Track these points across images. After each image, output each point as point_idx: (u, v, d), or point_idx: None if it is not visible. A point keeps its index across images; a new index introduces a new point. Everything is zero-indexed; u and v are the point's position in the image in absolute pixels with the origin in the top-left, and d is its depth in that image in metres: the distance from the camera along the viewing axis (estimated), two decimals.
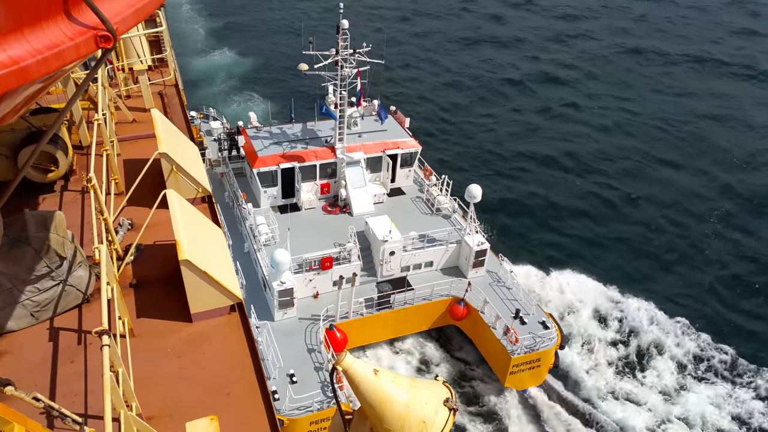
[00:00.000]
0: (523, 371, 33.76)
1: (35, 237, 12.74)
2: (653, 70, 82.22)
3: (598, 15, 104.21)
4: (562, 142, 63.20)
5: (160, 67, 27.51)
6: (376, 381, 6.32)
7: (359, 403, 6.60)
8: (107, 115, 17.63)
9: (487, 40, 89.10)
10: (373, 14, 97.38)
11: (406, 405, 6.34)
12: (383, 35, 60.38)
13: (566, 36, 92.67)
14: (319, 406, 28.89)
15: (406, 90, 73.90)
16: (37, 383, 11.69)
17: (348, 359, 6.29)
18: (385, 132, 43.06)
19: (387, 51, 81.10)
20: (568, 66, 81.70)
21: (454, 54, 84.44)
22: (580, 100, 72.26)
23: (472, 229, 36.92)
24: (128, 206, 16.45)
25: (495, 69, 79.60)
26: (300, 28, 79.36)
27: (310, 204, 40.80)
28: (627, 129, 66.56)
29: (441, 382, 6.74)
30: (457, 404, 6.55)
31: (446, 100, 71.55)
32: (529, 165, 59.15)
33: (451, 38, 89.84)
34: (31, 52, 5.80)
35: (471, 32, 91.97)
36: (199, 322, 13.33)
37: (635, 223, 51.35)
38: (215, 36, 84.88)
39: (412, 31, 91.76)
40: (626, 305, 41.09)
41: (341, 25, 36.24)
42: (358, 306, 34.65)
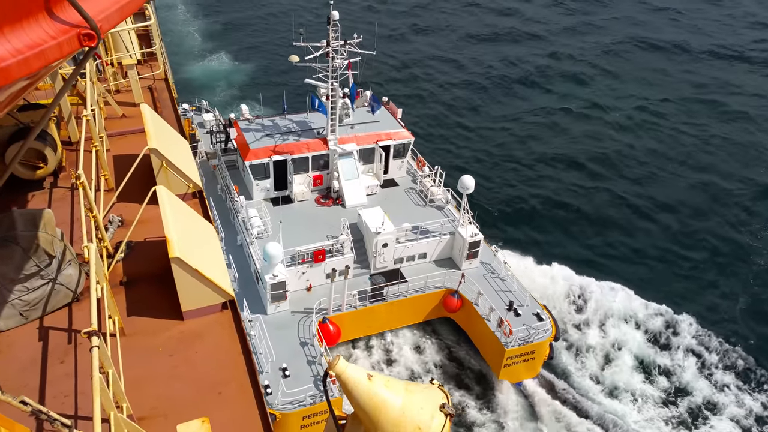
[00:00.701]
0: (517, 364, 33.73)
1: (24, 236, 12.58)
2: (678, 67, 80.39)
3: (616, 9, 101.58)
4: (562, 136, 62.85)
5: (149, 61, 27.23)
6: (369, 386, 6.21)
7: (353, 408, 6.50)
8: (96, 111, 17.42)
9: (491, 34, 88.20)
10: (371, 6, 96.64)
11: (401, 410, 6.23)
12: (377, 27, 59.74)
13: (577, 30, 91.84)
14: (312, 401, 28.80)
15: (401, 81, 73.53)
16: (26, 384, 11.56)
17: (341, 364, 6.17)
18: (377, 123, 42.85)
19: (389, 45, 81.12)
20: (573, 59, 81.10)
21: (456, 47, 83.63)
22: (581, 95, 72.01)
23: (465, 220, 36.83)
24: (118, 203, 16.26)
25: (496, 62, 78.75)
26: (292, 19, 78.60)
27: (302, 196, 40.62)
28: (630, 126, 65.88)
29: (437, 386, 6.63)
30: (453, 409, 6.45)
31: (443, 92, 71.12)
32: (528, 159, 58.80)
33: (458, 32, 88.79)
34: (12, 52, 5.65)
35: (478, 27, 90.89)
36: (191, 320, 13.20)
37: (637, 218, 51.13)
38: (211, 38, 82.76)
39: (413, 24, 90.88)
40: (624, 298, 40.94)
41: (332, 17, 35.98)
42: (352, 299, 34.55)
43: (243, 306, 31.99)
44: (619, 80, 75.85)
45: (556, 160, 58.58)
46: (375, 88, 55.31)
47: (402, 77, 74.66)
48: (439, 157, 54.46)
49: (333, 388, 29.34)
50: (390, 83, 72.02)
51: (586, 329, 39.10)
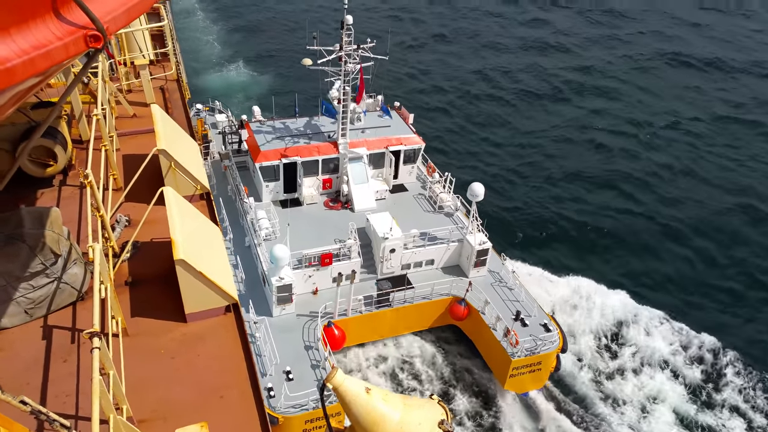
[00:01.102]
0: (523, 374, 33.49)
1: (30, 234, 12.58)
2: (711, 85, 78.54)
3: (644, 24, 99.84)
4: (588, 153, 61.95)
5: (162, 61, 27.30)
6: (368, 400, 6.13)
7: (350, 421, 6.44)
8: (107, 110, 17.44)
9: (514, 45, 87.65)
10: (390, 14, 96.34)
11: (398, 425, 6.15)
12: (392, 35, 59.84)
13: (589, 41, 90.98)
14: (315, 405, 28.75)
15: (418, 87, 73.48)
16: (29, 382, 11.55)
17: (339, 376, 6.10)
18: (388, 128, 42.84)
19: (410, 52, 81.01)
20: (601, 73, 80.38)
21: (479, 57, 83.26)
22: (609, 110, 71.58)
23: (474, 228, 36.67)
24: (126, 202, 16.27)
25: (518, 73, 78.59)
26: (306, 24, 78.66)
27: (311, 199, 40.65)
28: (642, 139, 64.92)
29: (436, 401, 6.55)
30: (452, 426, 6.36)
31: (461, 100, 70.99)
32: (547, 172, 58.27)
33: (481, 43, 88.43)
34: (18, 53, 5.62)
35: (500, 38, 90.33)
36: (194, 322, 13.16)
37: (667, 241, 50.18)
38: (230, 45, 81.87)
39: (436, 33, 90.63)
40: (635, 311, 40.58)
41: (345, 21, 36.04)
42: (357, 303, 34.48)
43: (249, 307, 32.00)
44: (650, 96, 74.55)
45: (580, 176, 57.46)
46: (393, 95, 55.17)
47: (419, 84, 74.68)
48: (450, 164, 54.38)
49: None
50: (405, 89, 72.01)
51: (596, 343, 38.76)
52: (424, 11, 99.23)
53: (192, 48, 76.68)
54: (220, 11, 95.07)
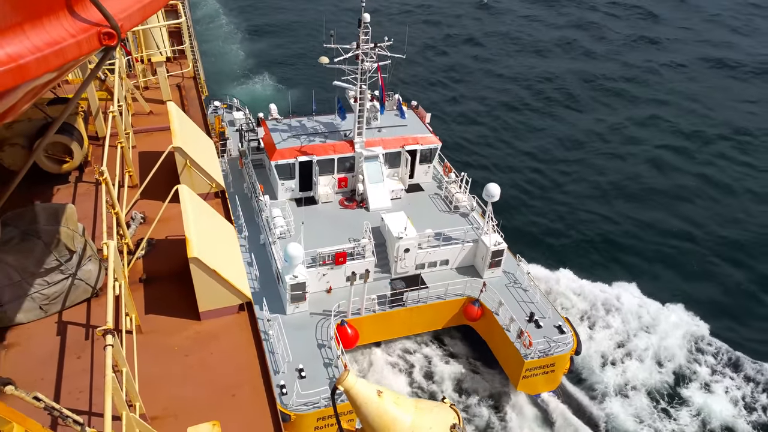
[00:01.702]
0: (536, 376, 33.32)
1: (45, 230, 12.64)
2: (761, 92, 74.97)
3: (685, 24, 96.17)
4: (616, 159, 60.46)
5: (179, 58, 27.39)
6: (379, 403, 6.06)
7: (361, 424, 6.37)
8: (123, 107, 17.51)
9: (540, 47, 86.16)
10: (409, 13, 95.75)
11: (410, 429, 6.07)
12: (406, 34, 59.76)
13: None
14: (327, 403, 28.76)
15: (434, 85, 73.12)
16: (43, 377, 11.60)
17: (350, 379, 6.03)
18: (405, 127, 42.71)
19: (433, 51, 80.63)
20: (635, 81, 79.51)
21: (506, 59, 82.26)
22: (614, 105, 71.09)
23: (489, 229, 36.49)
24: (141, 199, 16.30)
25: (534, 72, 77.77)
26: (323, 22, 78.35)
27: (327, 198, 40.64)
28: None
29: (448, 405, 6.47)
30: (464, 430, 6.28)
31: (478, 101, 70.40)
32: (565, 173, 57.57)
33: (508, 44, 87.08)
34: (31, 49, 5.60)
35: (527, 40, 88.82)
36: (208, 320, 13.16)
37: (674, 236, 49.55)
38: (254, 55, 78.76)
39: (464, 34, 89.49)
40: (652, 313, 40.19)
41: (363, 19, 35.98)
42: (371, 303, 34.44)
43: (263, 305, 32.07)
44: (694, 102, 72.04)
45: (606, 184, 56.07)
46: (413, 94, 54.92)
47: (438, 83, 74.05)
48: (468, 163, 54.18)
49: None
50: (424, 87, 71.64)
51: (611, 346, 38.42)
52: (446, 12, 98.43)
53: (216, 55, 75.20)
54: (243, 14, 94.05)
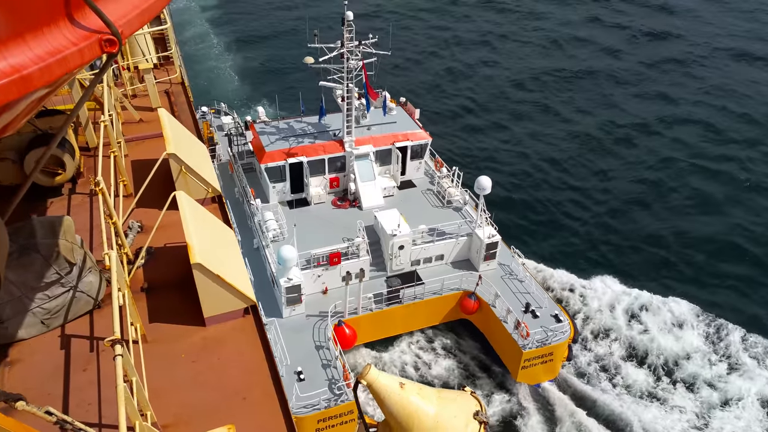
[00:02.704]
0: (535, 365, 33.45)
1: (43, 244, 12.53)
2: None
3: None
4: (623, 154, 59.57)
5: (165, 65, 27.26)
6: (402, 394, 6.06)
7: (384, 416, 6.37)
8: (114, 116, 17.39)
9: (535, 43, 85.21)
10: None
11: (434, 419, 6.08)
12: (389, 29, 59.41)
13: None
14: (327, 404, 28.72)
15: (423, 81, 73.02)
16: (50, 392, 11.51)
17: (372, 372, 6.03)
18: (394, 124, 42.70)
19: (414, 47, 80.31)
20: None
21: (485, 51, 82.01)
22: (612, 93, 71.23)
23: (482, 222, 36.58)
24: (137, 208, 16.21)
25: (524, 66, 77.55)
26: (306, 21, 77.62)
27: (319, 198, 40.58)
28: None
29: (469, 393, 6.49)
30: (487, 417, 6.29)
31: (467, 95, 70.34)
32: (551, 162, 57.57)
33: (496, 36, 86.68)
34: (34, 59, 5.56)
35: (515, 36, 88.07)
36: (213, 326, 13.11)
37: (669, 230, 49.07)
38: (249, 80, 74.39)
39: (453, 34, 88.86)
40: (648, 303, 40.21)
41: (346, 17, 35.93)
42: (367, 302, 34.42)
43: (259, 309, 31.95)
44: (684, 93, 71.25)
45: (597, 176, 55.66)
46: (400, 90, 54.68)
47: (427, 78, 73.93)
48: (459, 157, 54.13)
49: (347, 392, 29.23)
50: (412, 83, 71.50)
51: (609, 333, 38.55)
52: (431, 8, 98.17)
53: (210, 80, 72.95)
54: (225, 16, 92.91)
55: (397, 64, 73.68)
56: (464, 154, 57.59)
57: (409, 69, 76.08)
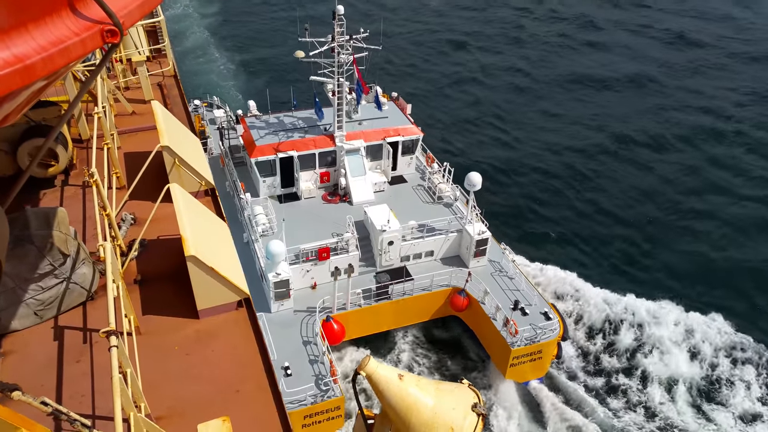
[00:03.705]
0: (524, 363, 33.42)
1: (38, 235, 12.51)
2: None
3: None
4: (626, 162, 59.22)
5: (158, 57, 27.13)
6: (401, 386, 6.13)
7: (382, 408, 6.43)
8: (107, 108, 17.33)
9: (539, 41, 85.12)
10: None
11: (433, 411, 6.15)
12: (381, 22, 58.97)
13: None
14: (313, 400, 28.66)
15: (415, 76, 72.94)
16: (43, 384, 11.51)
17: (372, 364, 6.09)
18: (386, 119, 42.62)
19: (405, 41, 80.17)
20: None
21: (480, 47, 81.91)
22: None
23: (473, 218, 36.60)
24: (130, 200, 16.18)
25: (519, 62, 77.66)
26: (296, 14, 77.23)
27: (309, 193, 40.47)
28: None
29: (467, 386, 6.56)
30: (485, 409, 6.37)
31: (460, 90, 70.33)
32: (550, 157, 57.71)
33: (494, 32, 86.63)
34: (36, 49, 5.57)
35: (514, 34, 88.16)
36: (206, 318, 13.14)
37: (661, 228, 49.17)
38: (233, 54, 75.01)
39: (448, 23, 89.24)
40: (640, 305, 40.05)
41: (336, 11, 35.80)
42: (356, 297, 34.37)
43: None
44: None
45: (589, 171, 55.85)
46: (394, 85, 54.56)
47: (420, 73, 73.82)
48: (453, 153, 54.08)
49: (333, 387, 29.20)
50: (404, 78, 71.42)
51: (599, 331, 38.63)
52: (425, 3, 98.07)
53: (202, 73, 72.30)
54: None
55: (390, 59, 73.59)
56: (456, 149, 57.56)
57: (402, 64, 76.00)
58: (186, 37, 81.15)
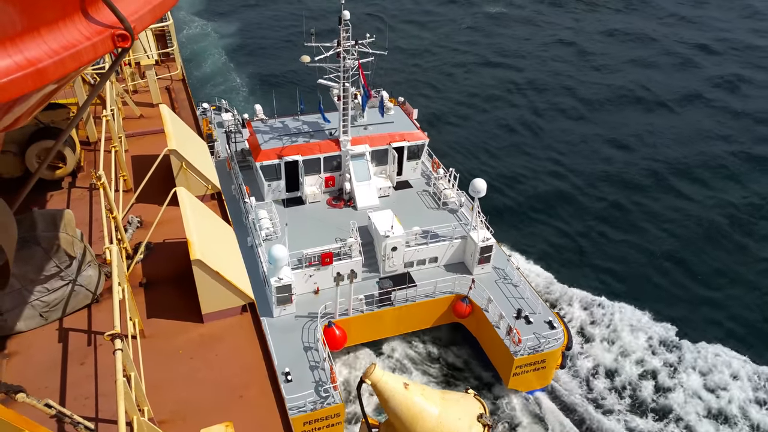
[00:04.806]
0: (527, 372, 33.19)
1: (44, 236, 12.53)
2: None
3: None
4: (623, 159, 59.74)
5: (166, 61, 27.24)
6: (406, 395, 6.11)
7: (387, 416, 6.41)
8: (115, 111, 17.39)
9: None
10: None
11: (438, 420, 6.13)
12: (387, 27, 58.90)
13: None
14: (313, 407, 28.55)
15: (422, 80, 72.94)
16: (47, 386, 11.52)
17: (377, 372, 6.08)
18: (392, 124, 42.59)
19: (413, 46, 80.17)
20: None
21: (484, 52, 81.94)
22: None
23: (477, 224, 36.49)
24: (137, 203, 16.22)
25: (530, 70, 77.40)
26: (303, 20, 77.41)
27: (314, 197, 40.49)
28: None
29: (473, 396, 6.54)
30: (491, 420, 6.34)
31: (468, 93, 70.22)
32: (559, 161, 57.60)
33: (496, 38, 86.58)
34: (49, 53, 5.61)
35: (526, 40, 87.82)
36: (211, 322, 13.14)
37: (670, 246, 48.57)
38: (239, 57, 75.42)
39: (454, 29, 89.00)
40: (648, 316, 40.08)
41: (342, 16, 35.89)
42: (358, 303, 34.26)
43: None
44: None
45: (599, 179, 55.78)
46: (401, 90, 54.43)
47: (428, 78, 73.79)
48: (460, 159, 53.98)
49: (333, 394, 29.11)
50: (412, 83, 71.41)
51: (604, 342, 38.38)
52: (432, 10, 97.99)
53: (210, 77, 72.84)
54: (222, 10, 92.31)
55: (397, 65, 73.60)
56: (464, 155, 57.38)
57: (409, 68, 75.94)
58: (196, 46, 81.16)
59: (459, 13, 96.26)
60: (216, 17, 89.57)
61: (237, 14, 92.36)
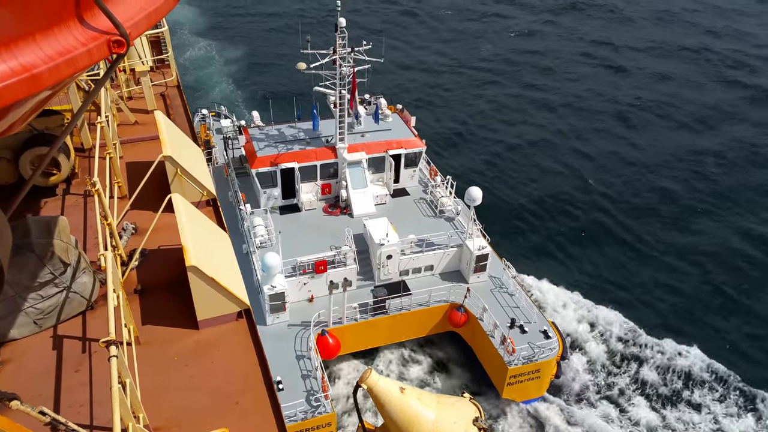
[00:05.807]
0: (521, 382, 32.89)
1: (38, 243, 12.51)
2: None
3: None
4: None
5: (161, 68, 27.25)
6: (402, 399, 6.11)
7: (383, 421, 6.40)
8: (110, 117, 17.38)
9: None
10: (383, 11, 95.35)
11: (434, 424, 6.13)
12: (385, 35, 59.05)
13: None
14: (303, 416, 28.28)
15: (422, 87, 73.08)
16: (41, 393, 11.46)
17: (373, 377, 6.07)
18: (389, 131, 42.51)
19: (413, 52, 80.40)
20: None
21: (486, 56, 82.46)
22: None
23: (473, 233, 36.40)
24: (131, 210, 16.19)
25: (532, 73, 78.00)
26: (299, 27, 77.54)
27: (310, 205, 40.39)
28: None
29: (468, 399, 6.54)
30: (487, 423, 6.34)
31: (467, 104, 70.36)
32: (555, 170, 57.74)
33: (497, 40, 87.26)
34: (43, 59, 5.60)
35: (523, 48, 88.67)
36: (206, 329, 13.10)
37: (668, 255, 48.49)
38: (236, 64, 76.89)
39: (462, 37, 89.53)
40: (644, 327, 39.76)
41: (339, 24, 35.91)
42: (352, 311, 34.08)
43: None
44: None
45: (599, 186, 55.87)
46: (398, 97, 54.58)
47: (427, 85, 73.97)
48: (456, 167, 53.98)
49: (325, 404, 28.95)
50: (411, 90, 71.57)
51: (600, 352, 38.30)
52: (437, 12, 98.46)
53: (208, 84, 73.46)
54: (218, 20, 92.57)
55: (394, 71, 73.74)
56: (461, 163, 57.33)
57: (407, 76, 76.07)
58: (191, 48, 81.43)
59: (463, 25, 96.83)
60: (216, 33, 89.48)
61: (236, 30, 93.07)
